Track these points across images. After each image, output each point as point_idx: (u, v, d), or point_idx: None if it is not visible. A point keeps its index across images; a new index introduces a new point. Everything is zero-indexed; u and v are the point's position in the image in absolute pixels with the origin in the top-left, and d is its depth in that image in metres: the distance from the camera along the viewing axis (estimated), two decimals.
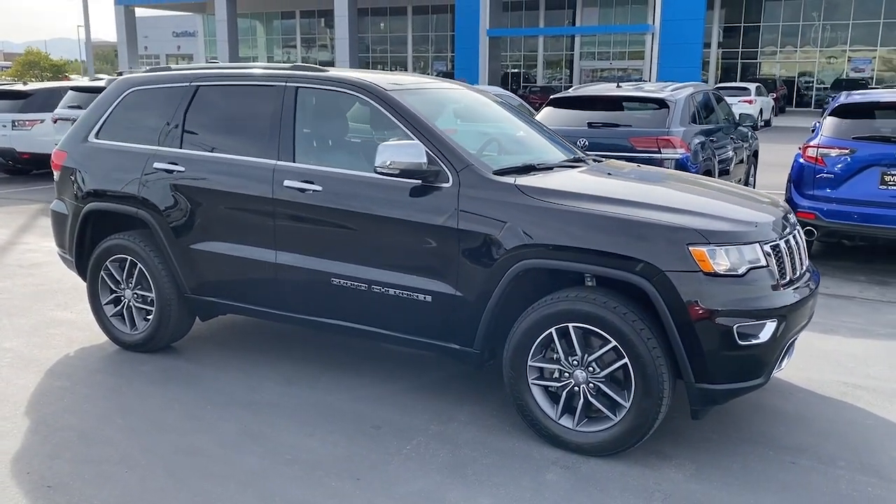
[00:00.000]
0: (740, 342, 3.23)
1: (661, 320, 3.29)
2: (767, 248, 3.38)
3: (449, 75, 38.00)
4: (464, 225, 3.62)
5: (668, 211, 3.41)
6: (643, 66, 35.76)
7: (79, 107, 11.66)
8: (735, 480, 3.30)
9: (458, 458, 3.47)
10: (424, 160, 3.67)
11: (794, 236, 3.69)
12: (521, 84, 40.05)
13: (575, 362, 3.45)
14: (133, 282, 4.70)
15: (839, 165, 6.72)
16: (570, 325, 3.41)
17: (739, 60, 38.48)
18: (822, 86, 36.79)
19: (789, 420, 3.90)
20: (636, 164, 4.75)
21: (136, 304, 4.73)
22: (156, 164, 4.51)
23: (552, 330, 3.46)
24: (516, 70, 42.01)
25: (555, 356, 3.51)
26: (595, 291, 3.42)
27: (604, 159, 4.62)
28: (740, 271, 3.27)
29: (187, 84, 4.60)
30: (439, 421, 3.85)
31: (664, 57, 32.15)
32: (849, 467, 3.42)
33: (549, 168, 4.08)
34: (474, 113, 4.84)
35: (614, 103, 7.94)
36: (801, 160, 7.04)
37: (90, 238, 4.88)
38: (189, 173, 4.40)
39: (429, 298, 3.75)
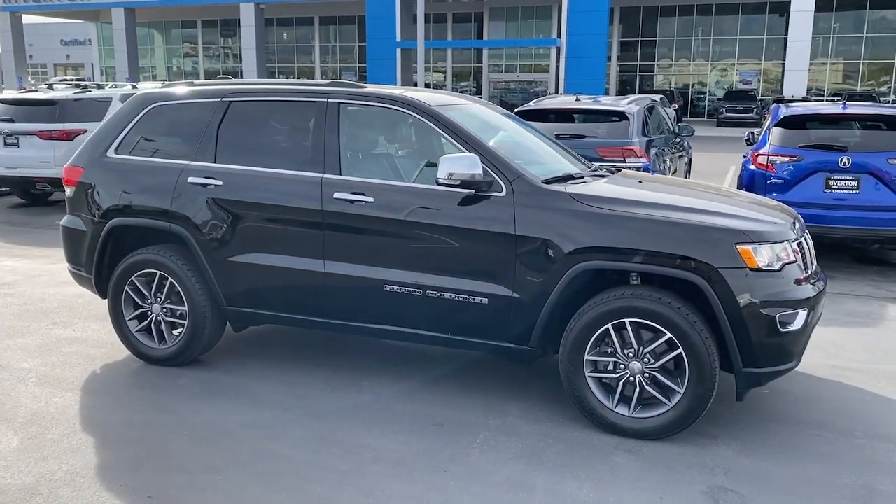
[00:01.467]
0: (781, 329, 3.65)
1: (709, 312, 3.66)
2: (794, 245, 3.83)
3: None
4: (522, 231, 3.89)
5: (712, 214, 3.80)
6: (549, 79, 36.98)
7: (10, 119, 11.21)
8: (777, 454, 3.70)
9: (528, 449, 3.72)
10: (480, 171, 3.92)
11: (806, 238, 4.15)
12: None
13: (630, 354, 3.78)
14: (163, 296, 4.71)
15: (788, 171, 7.39)
16: (627, 320, 3.74)
17: (637, 73, 40.38)
18: (714, 97, 39.07)
19: (801, 400, 4.36)
20: (647, 174, 5.15)
21: (166, 319, 4.73)
22: (190, 179, 4.55)
23: (609, 325, 3.78)
24: (427, 82, 42.51)
25: (609, 350, 3.83)
26: (649, 289, 3.76)
27: (617, 170, 4.97)
28: (777, 266, 3.69)
29: (218, 100, 4.66)
30: (494, 416, 4.09)
31: (570, 70, 33.39)
32: (866, 437, 3.89)
33: (580, 178, 4.40)
34: (494, 126, 5.12)
35: (576, 116, 8.41)
36: (752, 167, 7.68)
37: (111, 254, 4.85)
38: (228, 187, 4.47)
39: (485, 301, 3.99)
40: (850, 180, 7.16)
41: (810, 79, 33.26)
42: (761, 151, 7.63)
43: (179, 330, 4.72)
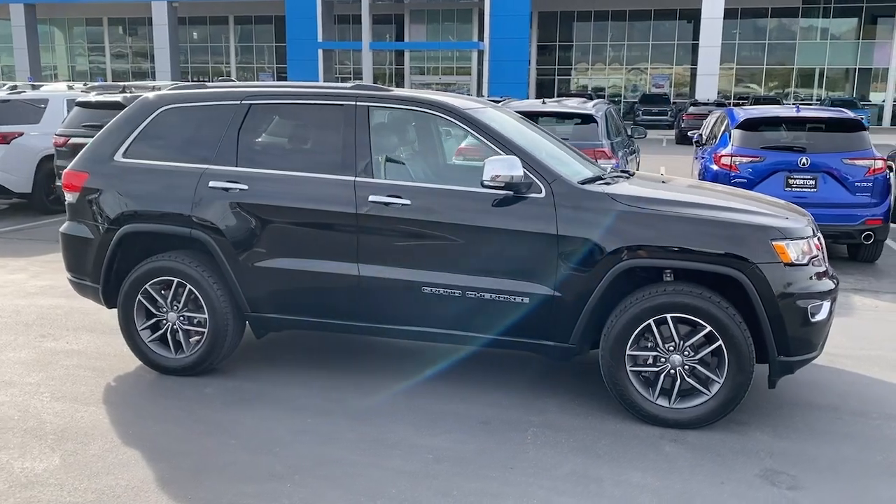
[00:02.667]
0: (811, 319, 3.90)
1: (745, 305, 3.87)
2: (815, 241, 4.09)
3: None
4: (564, 231, 4.00)
5: (745, 213, 4.02)
6: (470, 82, 37.45)
7: None
8: (807, 436, 3.95)
9: (580, 443, 3.84)
10: (521, 173, 4.01)
11: (819, 236, 4.43)
12: None
13: (671, 348, 3.95)
14: (180, 304, 4.58)
15: (750, 171, 7.80)
16: (669, 315, 3.91)
17: (556, 77, 41.37)
18: (628, 100, 40.45)
19: (806, 386, 4.64)
20: (658, 176, 5.34)
21: (183, 327, 4.60)
22: (211, 183, 4.45)
23: (650, 321, 3.94)
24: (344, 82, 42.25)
25: (649, 344, 3.99)
26: (689, 285, 3.94)
27: (631, 174, 5.13)
28: (804, 261, 3.93)
29: (237, 102, 4.58)
30: (535, 412, 4.19)
31: (494, 73, 33.96)
32: (881, 417, 4.20)
33: (606, 179, 4.53)
34: (517, 129, 5.17)
35: (543, 119, 8.60)
36: (715, 167, 8.07)
37: (122, 262, 4.68)
38: (253, 191, 4.39)
39: (526, 300, 4.08)
40: (808, 179, 7.63)
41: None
42: (724, 152, 8.02)
43: (197, 338, 4.60)
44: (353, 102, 4.42)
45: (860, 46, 38.56)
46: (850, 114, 8.07)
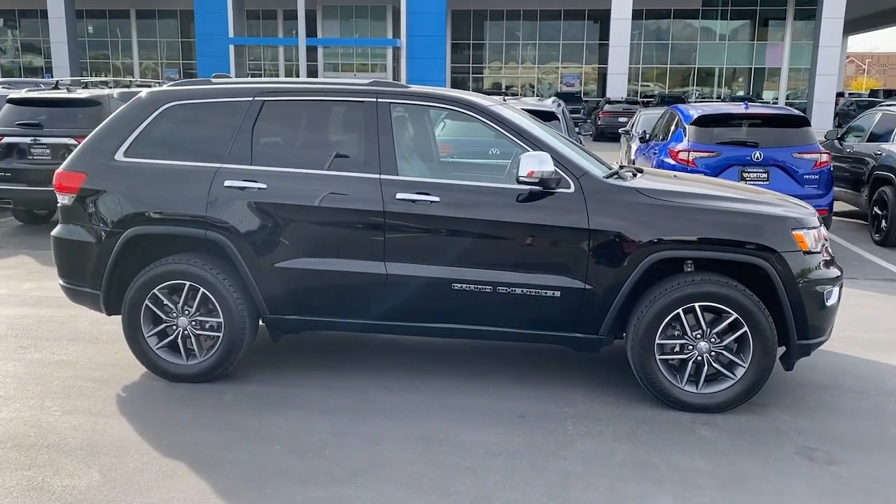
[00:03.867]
0: (826, 304, 4.14)
1: (765, 292, 4.07)
2: (822, 231, 4.34)
3: None
4: (595, 225, 4.09)
5: (763, 204, 4.22)
6: (386, 79, 37.29)
7: None
8: (824, 414, 4.19)
9: (621, 431, 3.94)
10: (552, 168, 4.07)
11: (823, 227, 4.68)
12: None
13: (698, 335, 4.10)
14: (192, 308, 4.41)
15: (706, 165, 8.14)
16: (697, 304, 4.06)
17: (470, 75, 41.78)
18: (541, 97, 41.30)
19: (811, 368, 4.81)
20: (661, 171, 5.51)
21: (195, 332, 4.43)
22: (227, 183, 4.30)
23: (679, 310, 4.08)
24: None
25: (676, 333, 4.14)
26: (714, 274, 4.10)
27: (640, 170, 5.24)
28: (818, 249, 4.17)
29: (249, 99, 4.44)
30: (565, 404, 4.26)
31: (411, 70, 33.96)
32: (879, 393, 4.49)
33: (623, 175, 4.63)
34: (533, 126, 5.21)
35: None
36: (672, 161, 8.38)
37: (127, 266, 4.47)
38: (273, 190, 4.28)
39: (557, 294, 4.15)
40: (761, 172, 8.04)
41: None
42: (680, 147, 8.35)
43: (211, 343, 4.45)
44: (374, 99, 4.37)
45: (755, 47, 40.72)
46: (795, 111, 8.55)
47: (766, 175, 8.03)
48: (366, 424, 3.97)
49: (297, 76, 40.22)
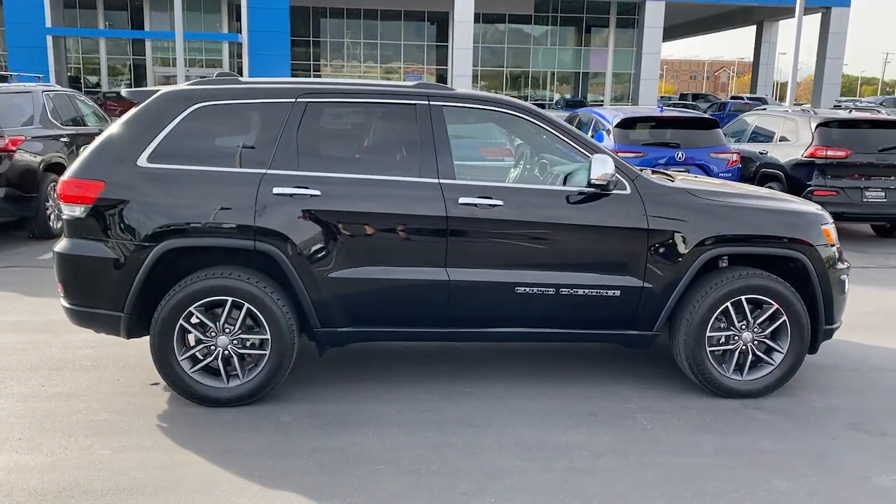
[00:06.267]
0: (845, 291, 4.57)
1: (798, 283, 4.43)
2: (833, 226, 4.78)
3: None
4: (654, 225, 4.25)
5: (793, 203, 4.58)
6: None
7: None
8: (844, 392, 4.61)
9: (691, 421, 4.12)
10: (614, 170, 4.19)
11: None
12: (83, 88, 36.35)
13: (743, 326, 4.38)
14: (234, 327, 4.06)
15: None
16: (744, 297, 4.33)
17: (311, 73, 40.97)
18: None
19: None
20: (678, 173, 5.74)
21: (237, 351, 4.09)
22: (277, 189, 4.01)
23: (728, 304, 4.34)
24: (76, 74, 37.96)
25: (722, 325, 4.39)
26: (754, 268, 4.39)
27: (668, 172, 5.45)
28: (837, 243, 4.60)
29: (292, 100, 4.16)
30: (620, 400, 4.39)
31: (253, 66, 32.78)
32: (873, 370, 5.01)
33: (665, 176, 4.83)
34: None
35: None
36: None
37: (157, 284, 4.04)
38: (328, 197, 4.04)
39: (617, 293, 4.27)
40: (683, 171, 8.62)
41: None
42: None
43: (253, 363, 4.13)
44: (426, 102, 4.25)
45: (582, 53, 43.25)
46: (706, 115, 9.25)
47: (687, 173, 8.63)
48: (452, 435, 3.87)
49: (131, 71, 37.63)
